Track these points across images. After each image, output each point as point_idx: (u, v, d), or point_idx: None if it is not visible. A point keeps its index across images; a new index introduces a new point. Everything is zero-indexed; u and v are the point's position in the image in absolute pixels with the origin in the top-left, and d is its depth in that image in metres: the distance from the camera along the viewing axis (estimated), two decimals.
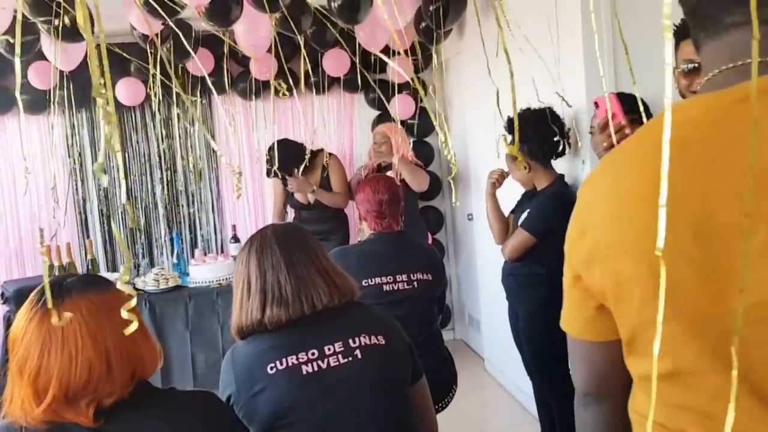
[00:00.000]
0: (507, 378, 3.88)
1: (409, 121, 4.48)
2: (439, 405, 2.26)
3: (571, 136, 2.77)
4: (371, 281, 2.22)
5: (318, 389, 1.43)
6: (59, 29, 2.60)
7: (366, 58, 4.00)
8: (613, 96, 1.80)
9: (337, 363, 1.45)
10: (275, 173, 4.02)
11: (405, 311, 2.12)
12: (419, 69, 4.44)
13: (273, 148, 3.93)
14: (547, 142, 2.64)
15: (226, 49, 3.38)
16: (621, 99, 1.82)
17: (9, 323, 3.39)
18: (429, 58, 4.33)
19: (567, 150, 2.75)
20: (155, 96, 3.12)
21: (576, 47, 2.69)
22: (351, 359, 1.46)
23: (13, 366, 1.12)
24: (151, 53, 2.98)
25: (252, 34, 3.24)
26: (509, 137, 2.59)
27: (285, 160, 3.86)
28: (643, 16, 2.57)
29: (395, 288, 2.24)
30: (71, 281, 1.17)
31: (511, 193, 2.93)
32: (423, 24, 3.66)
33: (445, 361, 2.37)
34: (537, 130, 2.62)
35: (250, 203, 4.70)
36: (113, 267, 4.50)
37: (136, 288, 3.61)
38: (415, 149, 4.38)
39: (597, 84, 2.63)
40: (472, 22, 3.92)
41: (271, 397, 1.41)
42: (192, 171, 4.48)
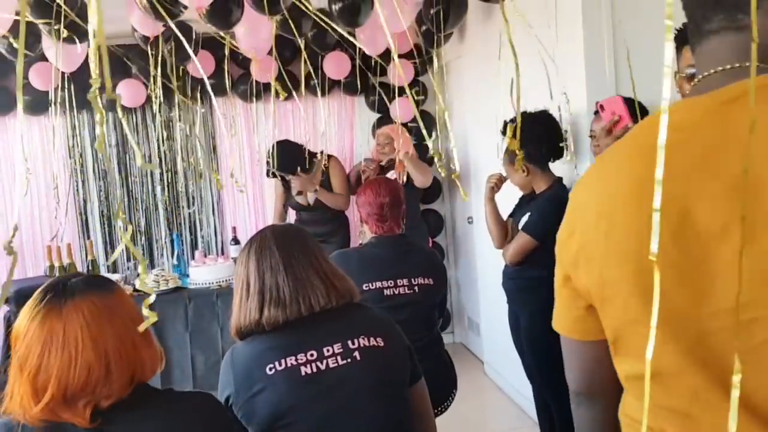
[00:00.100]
0: (506, 381, 3.88)
1: (410, 125, 4.48)
2: (439, 409, 2.25)
3: (569, 138, 2.77)
4: (372, 285, 2.20)
5: (317, 390, 1.43)
6: (60, 31, 2.60)
7: (367, 60, 4.01)
8: (620, 99, 1.77)
9: (336, 364, 1.45)
10: (274, 174, 4.03)
11: (406, 316, 2.10)
12: (420, 72, 4.45)
13: (273, 148, 3.95)
14: (545, 145, 2.64)
15: (226, 51, 3.38)
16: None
17: (9, 323, 3.39)
18: (430, 61, 4.33)
19: (565, 153, 2.75)
20: (156, 98, 3.13)
21: (577, 51, 2.69)
22: (350, 360, 1.46)
23: (15, 363, 1.12)
24: (152, 55, 2.98)
25: (253, 36, 3.24)
26: (509, 132, 2.57)
27: (285, 160, 3.87)
28: (644, 19, 2.58)
29: (396, 292, 2.22)
30: (75, 281, 1.17)
31: (509, 198, 2.93)
32: (424, 27, 3.67)
33: (445, 365, 2.35)
34: (535, 133, 2.62)
35: (250, 205, 4.71)
36: (113, 268, 4.50)
37: (135, 289, 3.61)
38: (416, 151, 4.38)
39: (597, 87, 2.63)
40: (472, 25, 3.93)
41: (270, 398, 1.41)
42: (192, 172, 4.48)
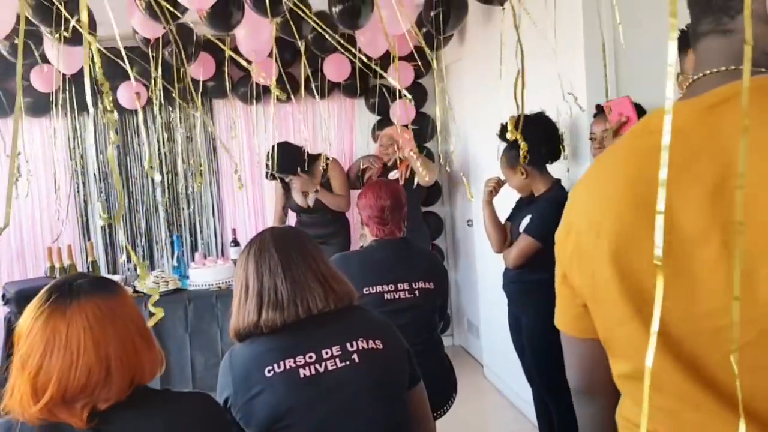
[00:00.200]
0: (506, 384, 3.88)
1: (411, 127, 4.49)
2: (438, 412, 2.24)
3: (565, 140, 2.77)
4: (372, 289, 2.19)
5: (315, 393, 1.43)
6: (61, 33, 2.61)
7: (366, 63, 4.01)
8: (628, 100, 1.76)
9: (335, 367, 1.45)
10: (274, 176, 4.04)
11: (406, 320, 2.09)
12: (420, 75, 4.45)
13: (273, 151, 3.95)
14: (545, 146, 2.64)
15: (227, 54, 3.39)
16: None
17: (10, 324, 3.39)
18: (429, 64, 4.33)
19: (562, 155, 2.75)
20: (156, 99, 3.14)
21: (577, 53, 2.69)
22: (348, 363, 1.46)
23: (17, 360, 1.13)
24: (153, 57, 2.99)
25: (253, 38, 3.25)
26: (511, 124, 2.56)
27: (285, 162, 3.88)
28: (644, 21, 2.58)
29: (396, 296, 2.20)
30: (81, 283, 1.17)
31: (507, 201, 2.92)
32: (424, 30, 3.67)
33: (446, 369, 2.34)
34: (533, 134, 2.62)
35: (250, 207, 4.71)
36: (114, 269, 4.51)
37: (135, 290, 3.62)
38: None
39: (597, 89, 2.63)
40: (472, 28, 3.94)
41: (269, 400, 1.42)
42: (192, 174, 4.48)
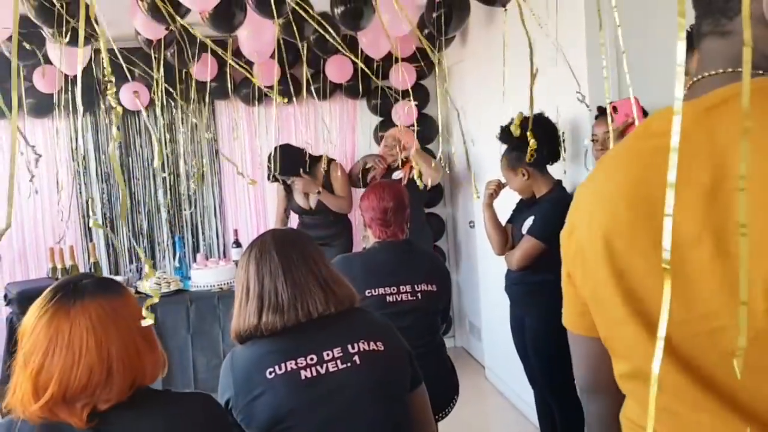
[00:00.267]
0: (507, 386, 3.87)
1: (412, 128, 4.49)
2: (440, 415, 2.24)
3: (566, 141, 2.76)
4: (374, 291, 2.18)
5: (316, 394, 1.43)
6: (63, 33, 2.61)
7: (369, 64, 4.02)
8: (635, 100, 1.75)
9: (336, 368, 1.45)
10: (276, 178, 4.04)
11: (408, 323, 2.08)
12: (422, 76, 4.45)
13: (274, 153, 3.96)
14: (546, 147, 2.64)
15: (229, 55, 3.39)
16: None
17: (12, 325, 3.40)
18: (432, 65, 4.34)
19: (562, 155, 2.74)
20: (159, 101, 3.14)
21: (579, 54, 2.69)
22: (350, 365, 1.46)
23: (19, 358, 1.13)
24: (155, 58, 2.99)
25: (255, 39, 3.25)
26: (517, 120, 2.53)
27: (286, 164, 3.88)
28: (647, 23, 2.58)
29: (399, 299, 2.19)
30: (86, 283, 1.18)
31: (507, 203, 2.92)
32: (426, 31, 3.68)
33: (447, 371, 2.33)
34: (534, 136, 2.61)
35: (252, 208, 4.72)
36: (116, 270, 4.52)
37: (137, 291, 3.62)
38: None
39: (599, 91, 2.63)
40: (474, 30, 3.94)
41: (270, 402, 1.41)
42: (194, 175, 4.49)
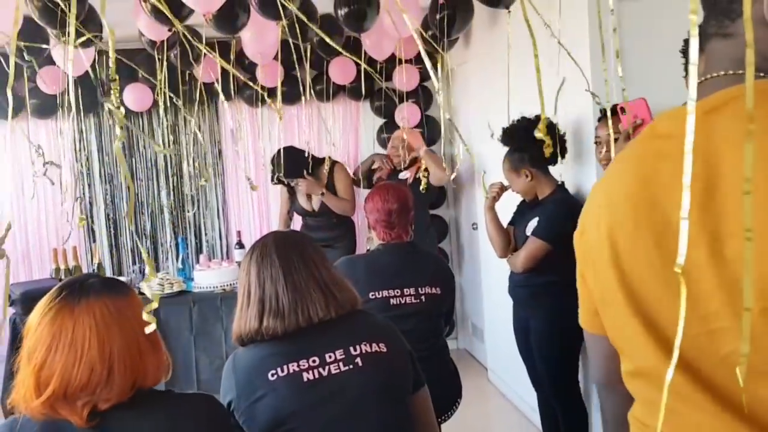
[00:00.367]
0: (510, 388, 3.87)
1: (416, 129, 4.49)
2: (443, 417, 2.23)
3: (567, 142, 2.76)
4: (378, 294, 2.16)
5: (318, 396, 1.42)
6: (67, 35, 2.62)
7: (372, 66, 4.02)
8: (644, 102, 1.73)
9: (338, 370, 1.44)
10: (279, 180, 4.04)
11: (412, 325, 2.06)
12: (425, 77, 4.45)
13: (278, 155, 3.97)
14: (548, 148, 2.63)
15: (232, 56, 3.40)
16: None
17: (15, 326, 3.41)
18: (435, 67, 4.33)
19: (560, 159, 2.73)
20: (162, 102, 3.15)
21: (582, 56, 2.69)
22: (352, 367, 1.45)
23: (24, 354, 1.14)
24: (159, 59, 3.00)
25: (258, 41, 3.26)
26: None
27: (290, 166, 3.89)
28: (651, 24, 2.58)
29: (402, 302, 2.17)
30: (92, 282, 1.19)
31: (508, 205, 2.91)
32: (429, 32, 3.67)
33: (451, 374, 2.32)
34: (547, 135, 2.60)
35: (254, 209, 4.72)
36: (119, 271, 4.52)
37: (140, 292, 3.63)
38: None
39: (602, 93, 2.63)
40: (478, 31, 3.94)
41: (272, 404, 1.41)
42: (204, 175, 4.49)
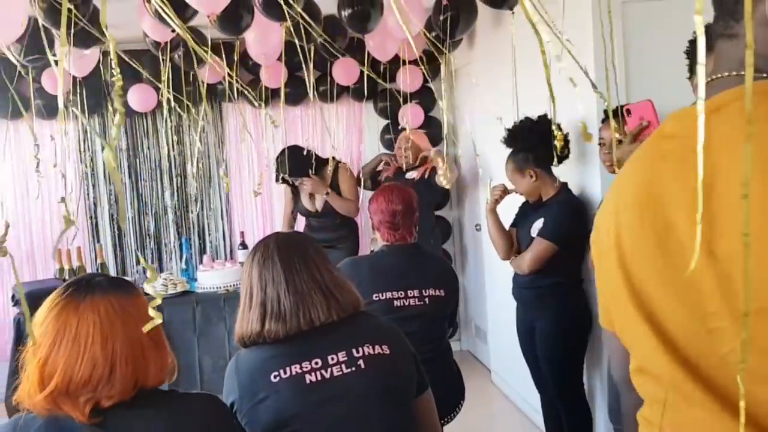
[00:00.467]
0: (513, 390, 3.86)
1: (420, 131, 4.49)
2: (446, 419, 2.22)
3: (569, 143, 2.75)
4: (381, 296, 2.16)
5: (321, 399, 1.42)
6: (72, 36, 2.63)
7: (375, 67, 4.02)
8: (650, 103, 1.73)
9: (341, 372, 1.44)
10: (284, 179, 4.05)
11: (415, 328, 2.06)
12: (429, 79, 4.45)
13: (282, 154, 3.97)
14: (552, 148, 2.63)
15: (236, 57, 3.41)
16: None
17: (19, 325, 3.42)
18: (438, 68, 4.34)
19: (567, 157, 2.73)
20: (167, 103, 3.15)
21: (587, 58, 2.68)
22: (354, 369, 1.45)
23: (30, 348, 1.15)
24: (163, 60, 3.01)
25: (262, 42, 3.27)
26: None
27: (295, 165, 3.88)
28: (655, 26, 2.57)
29: (406, 304, 2.17)
30: (99, 280, 1.21)
31: (510, 207, 2.90)
32: (433, 34, 3.68)
33: (454, 376, 2.32)
34: (543, 137, 2.60)
35: (258, 210, 4.73)
36: (123, 271, 4.53)
37: (145, 293, 3.63)
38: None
39: (606, 93, 2.62)
40: (481, 32, 3.93)
41: (274, 406, 1.41)
42: (201, 177, 4.50)
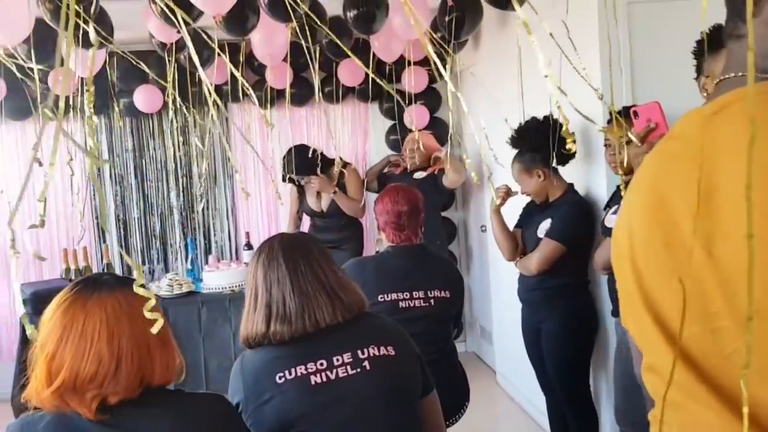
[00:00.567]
0: (518, 391, 3.85)
1: (425, 131, 4.49)
2: (451, 421, 2.22)
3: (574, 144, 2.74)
4: (386, 297, 2.16)
5: (326, 400, 1.42)
6: (80, 36, 2.64)
7: (381, 67, 4.02)
8: (657, 105, 1.73)
9: (346, 374, 1.44)
10: (290, 178, 4.05)
11: (420, 329, 2.05)
12: (434, 79, 4.45)
13: (290, 153, 3.97)
14: (562, 148, 2.62)
15: (242, 58, 3.41)
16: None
17: (25, 326, 3.43)
18: (444, 68, 4.32)
19: (573, 157, 2.72)
20: (173, 104, 3.16)
21: (593, 60, 2.68)
22: (359, 370, 1.45)
23: (38, 344, 1.16)
24: (169, 61, 3.01)
25: (268, 43, 3.27)
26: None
27: (302, 163, 3.87)
28: (664, 28, 2.56)
29: (411, 305, 2.17)
30: (107, 278, 1.22)
31: (514, 208, 2.90)
32: (438, 34, 3.67)
33: (459, 378, 2.31)
34: (550, 137, 2.60)
35: (263, 210, 4.73)
36: (128, 271, 4.54)
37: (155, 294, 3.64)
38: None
39: (615, 94, 2.62)
40: (487, 33, 3.93)
41: (279, 407, 1.41)
42: (206, 177, 4.51)
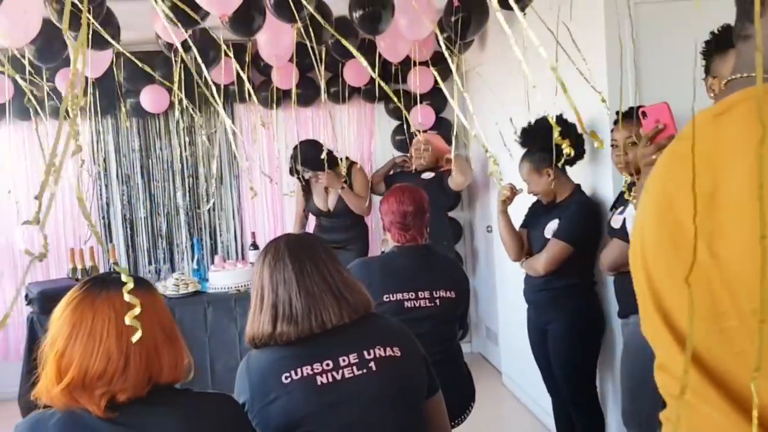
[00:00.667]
0: (524, 392, 3.85)
1: (431, 132, 4.49)
2: (456, 421, 2.22)
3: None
4: (392, 297, 2.16)
5: (332, 400, 1.42)
6: (88, 37, 2.65)
7: (386, 68, 4.03)
8: (666, 106, 1.73)
9: (352, 374, 1.44)
10: (298, 172, 4.04)
11: (425, 329, 2.05)
12: (446, 76, 4.44)
13: (298, 148, 3.97)
14: (581, 151, 2.62)
15: (248, 58, 3.42)
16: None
17: (32, 325, 3.45)
18: (449, 69, 4.33)
19: (581, 158, 2.72)
20: (179, 104, 3.17)
21: (599, 61, 2.67)
22: (365, 371, 1.45)
23: (48, 342, 1.18)
24: (175, 62, 3.03)
25: (274, 44, 3.28)
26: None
27: (311, 157, 3.85)
28: (670, 28, 2.55)
29: (416, 305, 2.17)
30: (116, 277, 1.22)
31: (519, 208, 2.89)
32: (444, 35, 3.67)
33: (464, 378, 2.31)
34: (559, 136, 2.59)
35: (269, 210, 4.74)
36: (135, 271, 4.56)
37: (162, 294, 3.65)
38: None
39: (617, 96, 2.61)
40: (493, 34, 3.93)
41: (285, 407, 1.41)
42: (213, 178, 4.53)
